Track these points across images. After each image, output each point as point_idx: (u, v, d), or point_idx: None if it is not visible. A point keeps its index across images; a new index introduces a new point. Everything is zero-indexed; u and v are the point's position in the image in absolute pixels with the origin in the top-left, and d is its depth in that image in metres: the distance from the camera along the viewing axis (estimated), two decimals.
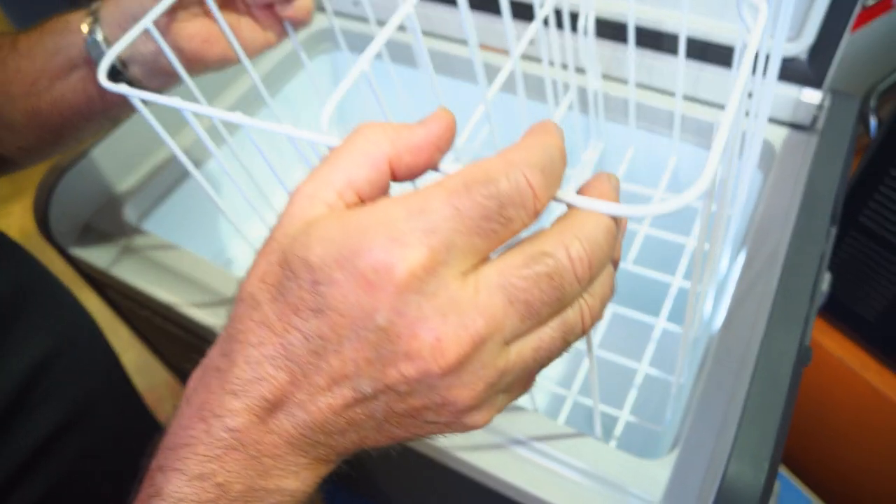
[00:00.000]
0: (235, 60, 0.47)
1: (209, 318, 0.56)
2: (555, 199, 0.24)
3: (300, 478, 0.24)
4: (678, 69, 0.56)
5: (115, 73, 0.44)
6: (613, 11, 0.66)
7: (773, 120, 0.63)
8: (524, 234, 0.24)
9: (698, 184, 0.24)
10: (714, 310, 0.54)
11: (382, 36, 0.34)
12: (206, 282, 0.58)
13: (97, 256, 0.62)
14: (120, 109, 0.47)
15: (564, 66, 0.62)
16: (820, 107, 0.60)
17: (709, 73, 0.65)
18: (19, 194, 1.99)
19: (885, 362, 0.81)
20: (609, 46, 0.67)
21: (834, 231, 0.54)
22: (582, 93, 0.67)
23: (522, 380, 0.26)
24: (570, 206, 0.24)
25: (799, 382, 0.44)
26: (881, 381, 0.80)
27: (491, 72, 0.57)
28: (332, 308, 0.22)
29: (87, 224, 0.64)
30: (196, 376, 0.25)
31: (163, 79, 0.46)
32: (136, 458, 0.26)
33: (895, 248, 0.71)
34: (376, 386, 0.23)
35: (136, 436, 0.39)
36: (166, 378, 1.31)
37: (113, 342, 0.54)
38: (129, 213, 0.66)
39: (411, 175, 0.25)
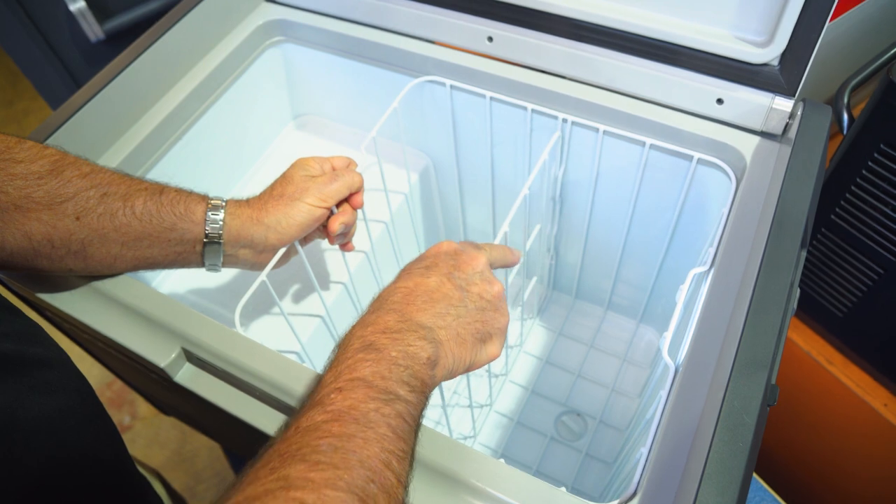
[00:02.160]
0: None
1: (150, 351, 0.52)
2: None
3: (422, 340, 0.42)
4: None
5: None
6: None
7: (742, 128, 0.60)
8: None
9: None
10: (675, 343, 0.52)
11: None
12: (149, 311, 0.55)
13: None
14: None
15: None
16: (792, 115, 0.58)
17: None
18: None
19: (852, 357, 0.80)
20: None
21: (804, 254, 0.52)
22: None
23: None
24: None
25: (765, 422, 0.42)
26: (847, 376, 0.79)
27: None
28: (427, 257, 0.49)
29: None
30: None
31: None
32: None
33: (865, 247, 0.69)
34: (460, 273, 0.48)
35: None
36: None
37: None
38: None
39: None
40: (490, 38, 0.68)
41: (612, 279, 0.84)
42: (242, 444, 0.82)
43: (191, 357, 0.53)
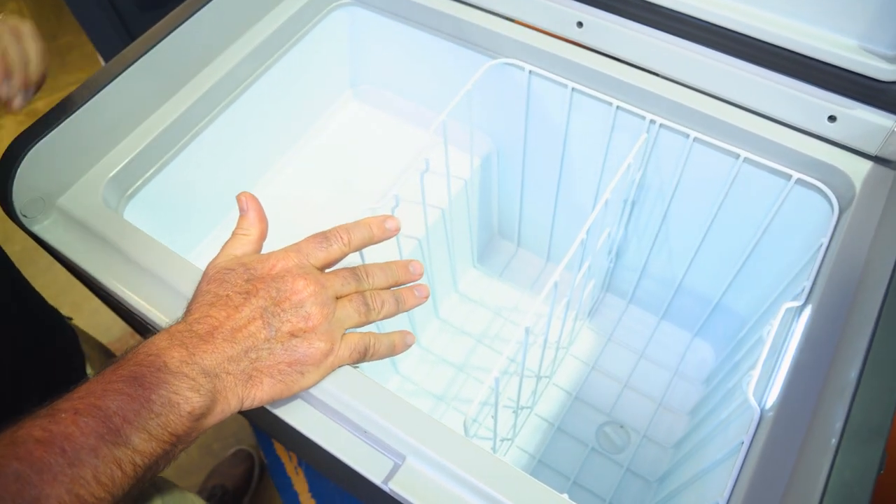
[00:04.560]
0: None
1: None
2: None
3: (209, 381, 0.39)
4: None
5: None
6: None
7: (854, 150, 0.55)
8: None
9: None
10: (761, 386, 0.47)
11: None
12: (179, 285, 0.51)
13: (64, 243, 0.54)
14: None
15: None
16: None
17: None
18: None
19: None
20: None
21: None
22: None
23: (350, 321, 0.46)
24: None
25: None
26: None
27: None
28: (255, 278, 0.43)
29: (57, 205, 0.57)
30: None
31: None
32: None
33: None
34: (274, 308, 0.42)
35: None
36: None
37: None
38: (109, 196, 0.58)
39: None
40: (580, 24, 0.62)
41: (672, 289, 0.79)
42: (272, 429, 0.80)
43: None
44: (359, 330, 0.47)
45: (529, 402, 0.80)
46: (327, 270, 0.47)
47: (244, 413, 0.43)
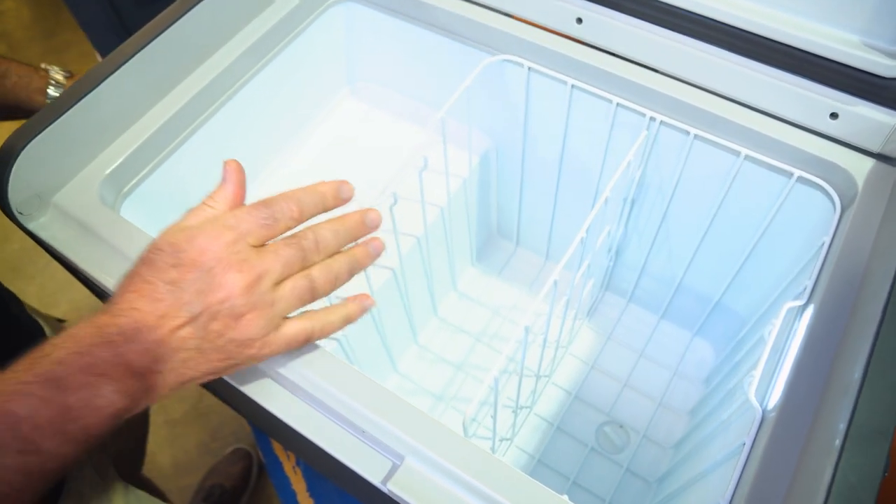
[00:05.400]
0: None
1: None
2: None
3: (139, 380, 0.37)
4: None
5: None
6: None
7: (856, 148, 0.54)
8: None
9: None
10: (762, 387, 0.46)
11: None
12: None
13: (60, 240, 0.54)
14: None
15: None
16: None
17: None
18: None
19: None
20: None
21: None
22: None
23: (291, 308, 0.42)
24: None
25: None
26: None
27: None
28: (182, 264, 0.38)
29: (53, 202, 0.56)
30: (84, 316, 0.38)
31: None
32: None
33: None
34: (202, 306, 0.38)
35: None
36: None
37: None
38: (105, 193, 0.57)
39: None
40: (579, 20, 0.62)
41: (672, 287, 0.79)
42: (271, 429, 0.79)
43: None
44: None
45: (529, 402, 0.80)
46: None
47: (243, 412, 0.43)
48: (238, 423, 1.44)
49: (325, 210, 0.44)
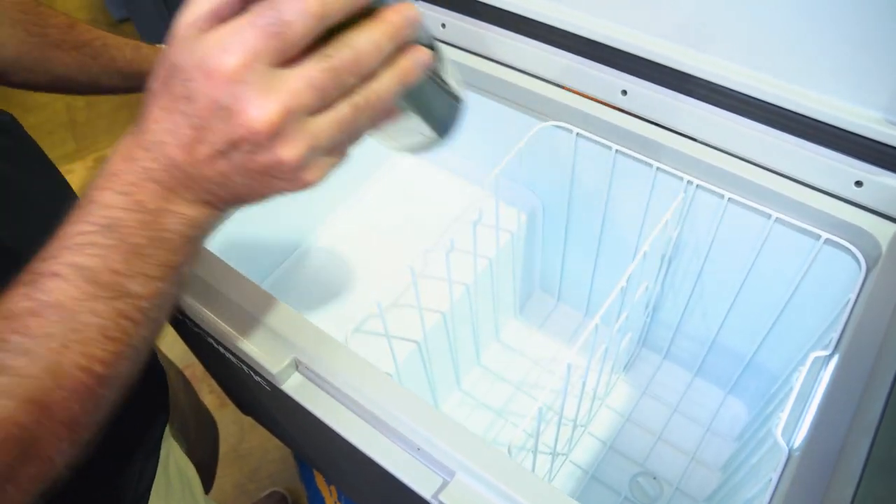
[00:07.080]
0: None
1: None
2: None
3: (193, 208, 0.35)
4: None
5: None
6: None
7: (881, 214, 0.59)
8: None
9: None
10: (787, 426, 0.50)
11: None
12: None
13: None
14: None
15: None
16: None
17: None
18: (82, 152, 2.02)
19: None
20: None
21: None
22: None
23: (336, 147, 0.35)
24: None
25: None
26: None
27: None
28: (195, 95, 0.31)
29: None
30: (117, 145, 0.34)
31: None
32: None
33: None
34: (227, 143, 0.32)
35: None
36: None
37: None
38: None
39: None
40: (624, 92, 0.68)
41: (706, 346, 0.82)
42: (319, 457, 0.84)
43: (300, 367, 0.54)
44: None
45: (565, 450, 0.83)
46: None
47: (290, 440, 0.43)
48: (276, 466, 1.47)
49: (356, 5, 0.31)
